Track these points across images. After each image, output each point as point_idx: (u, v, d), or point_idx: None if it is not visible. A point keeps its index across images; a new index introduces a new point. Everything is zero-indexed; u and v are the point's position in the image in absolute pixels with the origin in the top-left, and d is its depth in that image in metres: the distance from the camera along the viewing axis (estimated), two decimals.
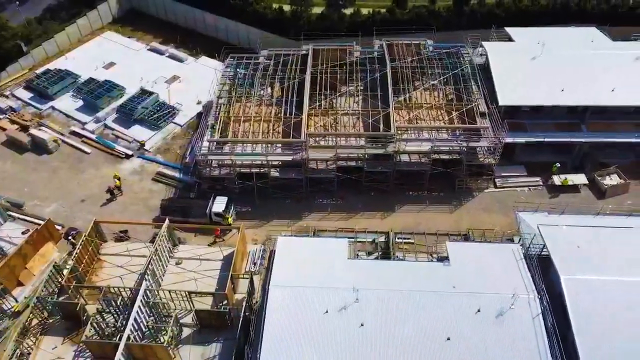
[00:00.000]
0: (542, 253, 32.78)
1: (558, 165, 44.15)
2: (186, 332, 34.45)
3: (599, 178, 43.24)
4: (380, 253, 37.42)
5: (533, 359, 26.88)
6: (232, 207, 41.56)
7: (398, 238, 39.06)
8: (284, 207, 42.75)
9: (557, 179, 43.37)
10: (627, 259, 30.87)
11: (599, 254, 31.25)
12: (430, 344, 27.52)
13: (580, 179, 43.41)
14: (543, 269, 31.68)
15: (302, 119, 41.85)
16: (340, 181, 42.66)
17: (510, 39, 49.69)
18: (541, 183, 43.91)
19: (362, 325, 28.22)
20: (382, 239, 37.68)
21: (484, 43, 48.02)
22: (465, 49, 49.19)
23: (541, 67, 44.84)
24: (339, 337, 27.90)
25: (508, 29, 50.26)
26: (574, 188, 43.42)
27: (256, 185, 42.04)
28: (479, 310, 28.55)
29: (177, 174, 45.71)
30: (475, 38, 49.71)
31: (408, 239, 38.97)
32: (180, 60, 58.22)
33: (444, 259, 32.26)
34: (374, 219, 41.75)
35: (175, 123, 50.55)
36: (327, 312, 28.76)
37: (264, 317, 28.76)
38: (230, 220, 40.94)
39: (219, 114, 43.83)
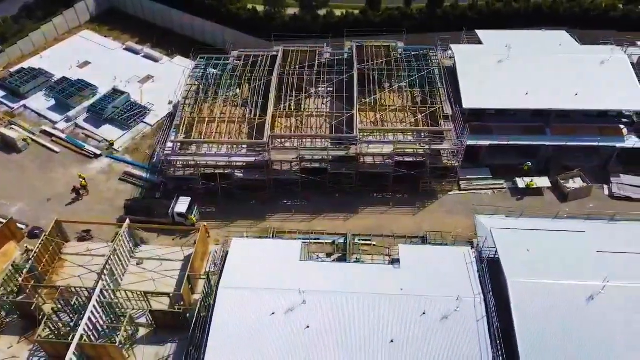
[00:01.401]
0: (496, 256, 33.08)
1: (529, 164, 44.34)
2: (143, 332, 34.81)
3: (562, 181, 43.48)
4: (339, 255, 37.62)
5: None
6: (196, 208, 41.70)
7: (358, 240, 39.32)
8: (249, 208, 42.90)
9: (520, 182, 43.61)
10: (576, 262, 31.19)
11: (548, 257, 31.58)
12: (373, 346, 27.79)
13: (543, 182, 43.59)
14: (495, 272, 32.00)
15: (266, 120, 42.01)
16: (305, 182, 42.82)
17: (480, 42, 49.92)
18: (505, 186, 44.14)
19: (308, 327, 28.47)
20: (342, 240, 37.81)
21: (452, 46, 48.23)
22: (434, 52, 49.36)
23: (507, 70, 45.08)
24: (285, 339, 28.17)
25: (478, 32, 50.38)
26: (538, 191, 43.62)
27: (220, 186, 42.22)
28: (424, 313, 28.83)
29: (144, 174, 45.82)
30: (445, 40, 49.97)
31: (368, 240, 39.19)
32: (155, 60, 58.29)
33: (396, 261, 32.47)
34: (337, 221, 41.92)
35: (145, 123, 50.66)
36: (274, 314, 29.00)
37: (211, 318, 28.94)
38: (194, 220, 41.12)
39: (183, 114, 43.97)
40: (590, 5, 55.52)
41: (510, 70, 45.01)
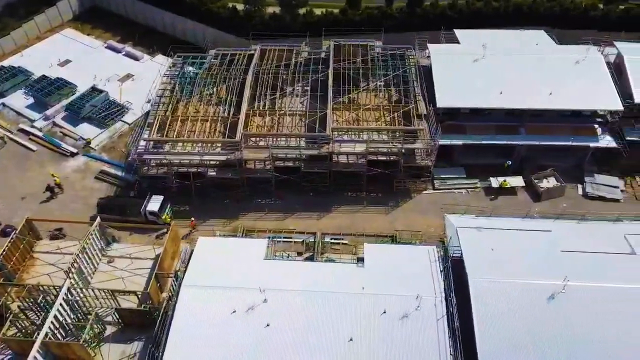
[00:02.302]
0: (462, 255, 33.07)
1: (509, 162, 44.31)
2: (111, 330, 34.84)
3: (535, 181, 43.51)
4: (310, 254, 37.64)
5: None
6: (169, 206, 41.76)
7: (331, 239, 39.40)
8: (223, 207, 42.94)
9: (494, 181, 43.63)
10: (539, 262, 31.20)
11: (512, 256, 31.61)
12: (332, 344, 27.86)
13: (517, 181, 43.64)
14: (461, 271, 31.99)
15: (239, 118, 42.04)
16: (280, 181, 42.85)
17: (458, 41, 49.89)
18: (479, 185, 44.18)
19: (267, 325, 28.51)
20: (312, 239, 37.84)
21: (429, 45, 48.18)
22: (411, 51, 49.36)
23: (482, 69, 45.07)
24: (244, 338, 28.21)
25: (456, 31, 50.34)
26: (512, 190, 43.68)
27: (194, 184, 42.25)
28: (384, 312, 28.86)
29: (119, 173, 45.85)
30: (424, 39, 49.93)
31: (340, 239, 39.23)
32: (135, 58, 58.27)
33: (361, 260, 32.49)
34: (310, 219, 42.00)
35: (123, 121, 50.69)
36: (234, 312, 29.02)
37: (172, 317, 28.98)
38: (167, 219, 41.15)
39: (157, 112, 44.02)
40: (570, 4, 55.49)
41: (485, 69, 45.02)
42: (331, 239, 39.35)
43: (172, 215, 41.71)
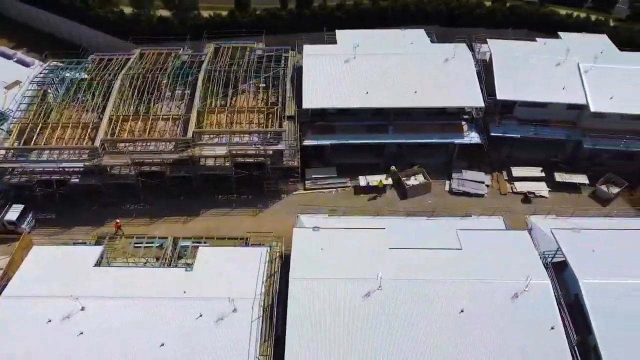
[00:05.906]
0: None
1: (393, 168, 44.77)
2: None
3: (403, 178, 44.14)
4: (167, 259, 37.44)
5: None
6: (31, 215, 41.27)
7: (192, 242, 39.25)
8: (90, 214, 42.51)
9: (362, 180, 44.11)
10: (365, 259, 31.62)
11: (340, 255, 32.04)
12: (143, 350, 27.83)
13: (385, 179, 44.22)
14: None
15: (101, 124, 41.73)
16: (148, 186, 42.61)
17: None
18: (349, 184, 44.65)
19: (81, 333, 28.34)
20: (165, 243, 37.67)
21: (304, 46, 48.39)
22: (291, 52, 49.54)
23: (351, 69, 45.50)
24: (55, 348, 27.94)
25: (337, 32, 50.66)
26: (381, 188, 44.22)
27: (58, 192, 41.77)
28: (200, 315, 28.94)
29: None
30: (306, 41, 50.09)
31: (199, 243, 39.12)
32: (26, 64, 57.20)
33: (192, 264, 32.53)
34: (177, 223, 41.95)
35: (1, 129, 49.75)
36: (50, 322, 28.75)
37: None
38: (25, 229, 40.62)
39: (19, 119, 43.44)
40: (456, 3, 56.36)
41: (354, 69, 45.45)
42: (192, 242, 39.21)
43: (32, 224, 41.21)
